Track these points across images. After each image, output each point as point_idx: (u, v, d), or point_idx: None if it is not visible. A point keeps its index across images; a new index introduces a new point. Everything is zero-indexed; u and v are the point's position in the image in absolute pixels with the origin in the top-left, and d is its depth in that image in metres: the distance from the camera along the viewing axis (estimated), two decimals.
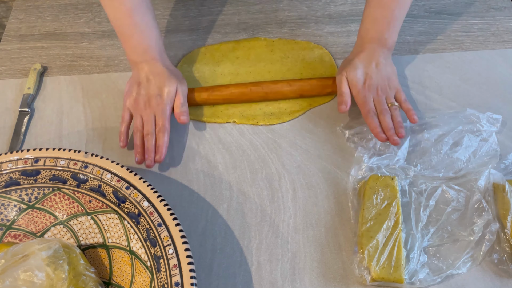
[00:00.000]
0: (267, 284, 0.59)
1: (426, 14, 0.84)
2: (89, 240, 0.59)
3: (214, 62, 0.79)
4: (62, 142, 0.72)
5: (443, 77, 0.76)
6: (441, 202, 0.62)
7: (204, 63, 0.79)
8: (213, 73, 0.78)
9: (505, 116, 0.70)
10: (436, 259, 0.58)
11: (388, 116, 0.66)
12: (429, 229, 0.60)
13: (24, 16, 0.89)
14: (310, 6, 0.87)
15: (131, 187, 0.57)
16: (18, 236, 0.60)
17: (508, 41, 0.80)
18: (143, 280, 0.54)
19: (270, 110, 0.74)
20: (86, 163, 0.59)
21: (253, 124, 0.72)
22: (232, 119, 0.73)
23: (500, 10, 0.84)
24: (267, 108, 0.74)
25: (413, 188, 0.63)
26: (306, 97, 0.74)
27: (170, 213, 0.55)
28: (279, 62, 0.79)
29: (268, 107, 0.74)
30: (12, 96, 0.78)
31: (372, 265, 0.56)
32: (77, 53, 0.83)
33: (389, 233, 0.57)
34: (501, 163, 0.64)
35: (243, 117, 0.73)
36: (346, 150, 0.69)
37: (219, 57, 0.80)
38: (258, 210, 0.64)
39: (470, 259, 0.58)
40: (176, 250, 0.52)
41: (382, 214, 0.59)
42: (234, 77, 0.78)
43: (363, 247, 0.57)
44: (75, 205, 0.60)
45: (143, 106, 0.69)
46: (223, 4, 0.88)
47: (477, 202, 0.61)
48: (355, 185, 0.63)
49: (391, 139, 0.65)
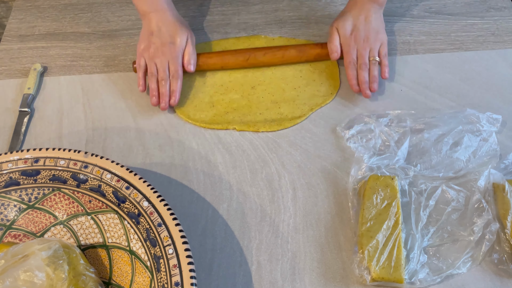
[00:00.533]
0: (267, 284, 0.59)
1: (426, 14, 0.84)
2: (89, 240, 0.59)
3: None
4: (62, 142, 0.72)
5: (443, 77, 0.76)
6: (441, 202, 0.62)
7: None
8: None
9: (505, 116, 0.70)
10: (436, 259, 0.58)
11: (365, 70, 0.72)
12: (429, 229, 0.60)
13: (24, 16, 0.89)
14: (310, 6, 0.87)
15: (131, 187, 0.57)
16: (18, 236, 0.60)
17: (508, 41, 0.80)
18: (143, 280, 0.54)
19: (271, 116, 0.73)
20: (86, 163, 0.59)
21: (253, 131, 0.72)
22: (232, 126, 0.72)
23: (500, 10, 0.84)
24: (267, 114, 0.73)
25: (413, 188, 0.63)
26: (305, 59, 0.77)
27: (170, 213, 0.55)
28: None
29: (268, 112, 0.73)
30: (12, 96, 0.78)
31: (372, 265, 0.55)
32: (77, 53, 0.83)
33: (389, 233, 0.57)
34: (501, 163, 0.64)
35: (243, 123, 0.72)
36: (346, 150, 0.69)
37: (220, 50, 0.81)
38: (258, 210, 0.64)
39: (470, 259, 0.58)
40: (176, 250, 0.52)
41: (382, 214, 0.59)
42: (233, 70, 0.78)
43: (363, 247, 0.57)
44: (75, 205, 0.60)
45: (157, 54, 0.73)
46: (223, 4, 0.88)
47: (477, 202, 0.61)
48: (355, 185, 0.63)
49: (363, 92, 0.72)
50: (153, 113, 0.74)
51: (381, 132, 0.67)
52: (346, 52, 0.74)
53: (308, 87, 0.76)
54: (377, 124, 0.68)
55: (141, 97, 0.76)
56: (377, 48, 0.74)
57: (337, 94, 0.75)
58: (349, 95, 0.74)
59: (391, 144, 0.66)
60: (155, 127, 0.73)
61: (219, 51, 0.78)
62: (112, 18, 0.87)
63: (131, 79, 0.79)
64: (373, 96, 0.74)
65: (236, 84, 0.76)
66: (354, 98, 0.74)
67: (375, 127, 0.68)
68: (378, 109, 0.73)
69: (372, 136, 0.67)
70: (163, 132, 0.72)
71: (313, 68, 0.78)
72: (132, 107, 0.75)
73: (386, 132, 0.67)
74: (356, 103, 0.74)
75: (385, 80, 0.75)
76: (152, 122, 0.73)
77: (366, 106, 0.73)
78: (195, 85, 0.77)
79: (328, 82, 0.76)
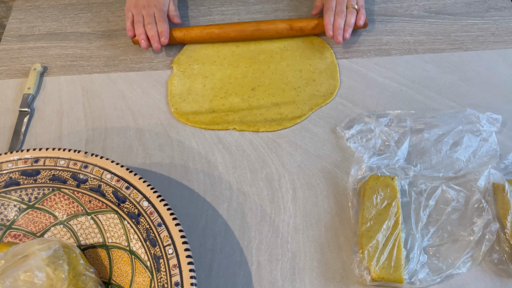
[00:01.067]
0: (267, 284, 0.59)
1: (426, 14, 0.84)
2: (89, 240, 0.59)
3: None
4: (62, 142, 0.72)
5: (443, 77, 0.76)
6: (441, 202, 0.62)
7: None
8: (216, 52, 0.82)
9: (505, 116, 0.70)
10: (436, 259, 0.58)
11: (342, 17, 0.76)
12: (429, 229, 0.60)
13: (24, 16, 0.89)
14: (310, 6, 0.87)
15: (131, 187, 0.57)
16: (18, 236, 0.60)
17: (508, 41, 0.80)
18: (143, 280, 0.54)
19: (270, 116, 0.73)
20: (86, 163, 0.59)
21: (253, 131, 0.72)
22: (232, 126, 0.72)
23: (500, 10, 0.84)
24: (267, 114, 0.73)
25: (413, 188, 0.63)
26: (296, 33, 0.80)
27: (170, 213, 0.55)
28: (278, 54, 0.80)
29: (268, 112, 0.73)
30: (12, 96, 0.78)
31: (372, 265, 0.55)
32: (77, 53, 0.83)
33: (389, 233, 0.57)
34: (501, 163, 0.64)
35: (243, 123, 0.72)
36: (346, 150, 0.69)
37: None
38: (258, 210, 0.64)
39: (470, 259, 0.58)
40: (176, 250, 0.52)
41: (382, 214, 0.59)
42: (233, 54, 0.81)
43: (363, 247, 0.57)
44: (75, 205, 0.60)
45: (143, 6, 0.79)
46: (223, 4, 0.88)
47: (477, 202, 0.60)
48: (355, 185, 0.63)
49: (335, 38, 0.76)
50: (153, 113, 0.74)
51: (381, 132, 0.67)
52: (327, 0, 0.78)
53: (308, 87, 0.76)
54: (377, 124, 0.68)
55: (141, 97, 0.76)
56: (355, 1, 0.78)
57: (337, 94, 0.75)
58: (349, 95, 0.74)
59: (391, 143, 0.66)
60: (155, 127, 0.73)
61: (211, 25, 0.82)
62: (112, 18, 0.88)
63: (131, 79, 0.79)
64: (373, 96, 0.74)
65: (236, 86, 0.76)
66: (355, 99, 0.74)
67: (375, 127, 0.68)
68: (378, 109, 0.73)
69: (372, 136, 0.67)
70: (163, 132, 0.72)
71: (313, 69, 0.78)
72: (132, 107, 0.75)
73: (386, 132, 0.67)
74: (356, 103, 0.74)
75: (385, 79, 0.75)
76: (152, 122, 0.73)
77: (366, 106, 0.73)
78: (194, 87, 0.77)
79: (328, 82, 0.76)
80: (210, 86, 0.77)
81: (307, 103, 0.74)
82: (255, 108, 0.74)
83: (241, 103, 0.74)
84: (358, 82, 0.76)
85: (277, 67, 0.78)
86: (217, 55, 0.80)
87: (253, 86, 0.76)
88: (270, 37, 0.81)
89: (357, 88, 0.75)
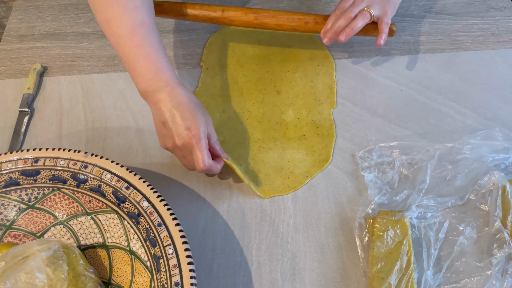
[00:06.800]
0: (267, 284, 0.58)
1: (426, 14, 0.84)
2: (89, 240, 0.59)
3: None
4: (62, 142, 0.72)
5: (443, 77, 0.76)
6: (451, 233, 0.60)
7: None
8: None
9: (505, 116, 0.70)
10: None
11: (343, 20, 0.68)
12: (442, 264, 0.57)
13: (24, 16, 0.89)
14: (310, 6, 0.87)
15: (131, 187, 0.57)
16: (18, 236, 0.60)
17: (508, 41, 0.80)
18: (143, 280, 0.54)
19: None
20: (86, 163, 0.59)
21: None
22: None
23: (500, 10, 0.84)
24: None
25: (422, 222, 0.60)
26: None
27: (170, 213, 0.55)
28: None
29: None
30: (12, 96, 0.77)
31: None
32: (77, 53, 0.83)
33: (402, 274, 0.54)
34: (502, 163, 0.64)
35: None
36: (346, 150, 0.69)
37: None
38: (258, 210, 0.64)
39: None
40: (176, 250, 0.52)
41: (393, 253, 0.56)
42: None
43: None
44: (75, 205, 0.60)
45: (178, 147, 0.60)
46: (223, 4, 0.88)
47: (497, 232, 0.57)
48: (362, 220, 0.60)
49: (323, 38, 0.69)
50: None
51: (399, 166, 0.65)
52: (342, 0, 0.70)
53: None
54: (396, 158, 0.65)
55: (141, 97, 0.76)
56: (376, 9, 0.68)
57: (337, 95, 0.75)
58: (349, 95, 0.74)
59: (406, 179, 0.64)
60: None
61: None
62: None
63: (131, 79, 0.78)
64: (373, 96, 0.74)
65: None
66: (355, 99, 0.74)
67: (392, 160, 0.65)
68: (378, 109, 0.72)
69: (389, 170, 0.64)
70: None
71: (313, 63, 0.78)
72: (132, 107, 0.75)
73: (405, 165, 0.64)
74: (356, 103, 0.73)
75: (385, 79, 0.75)
76: (152, 122, 0.73)
77: (366, 106, 0.73)
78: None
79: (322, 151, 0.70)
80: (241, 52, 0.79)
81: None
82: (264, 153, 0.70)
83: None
84: (358, 82, 0.76)
85: (277, 65, 0.78)
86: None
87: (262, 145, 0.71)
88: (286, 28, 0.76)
89: (357, 88, 0.75)
